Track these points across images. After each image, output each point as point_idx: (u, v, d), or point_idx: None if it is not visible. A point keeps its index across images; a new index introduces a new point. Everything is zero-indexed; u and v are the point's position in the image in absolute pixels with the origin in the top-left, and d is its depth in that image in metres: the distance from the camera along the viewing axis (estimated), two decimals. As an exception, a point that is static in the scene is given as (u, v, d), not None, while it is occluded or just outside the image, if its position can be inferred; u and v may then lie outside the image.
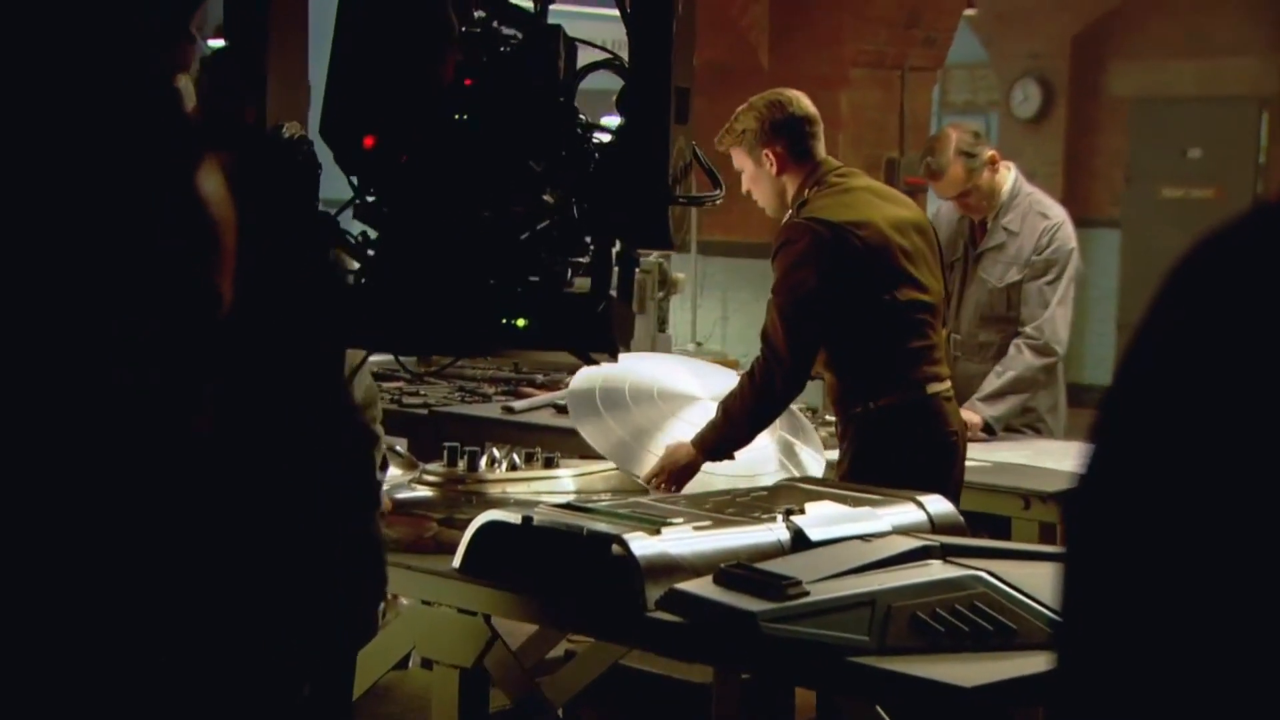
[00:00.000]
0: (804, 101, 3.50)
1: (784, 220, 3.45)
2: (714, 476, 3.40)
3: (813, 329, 3.33)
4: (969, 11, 9.12)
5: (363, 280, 2.28)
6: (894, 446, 3.37)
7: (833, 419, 3.63)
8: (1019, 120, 10.92)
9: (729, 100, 3.67)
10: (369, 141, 2.18)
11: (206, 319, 1.07)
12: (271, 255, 1.22)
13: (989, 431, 4.32)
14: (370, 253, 2.28)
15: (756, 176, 3.48)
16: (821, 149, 3.49)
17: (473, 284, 2.23)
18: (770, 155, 3.44)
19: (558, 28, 2.28)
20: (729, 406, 3.36)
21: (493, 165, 2.22)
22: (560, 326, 2.20)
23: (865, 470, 3.33)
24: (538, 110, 2.22)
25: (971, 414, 4.30)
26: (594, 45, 2.37)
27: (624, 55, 2.26)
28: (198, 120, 1.21)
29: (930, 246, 3.51)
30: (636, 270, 2.31)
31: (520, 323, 2.19)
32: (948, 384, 3.48)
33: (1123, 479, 0.66)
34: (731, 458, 3.39)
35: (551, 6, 2.30)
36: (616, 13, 2.27)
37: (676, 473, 3.38)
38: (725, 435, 3.35)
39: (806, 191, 3.44)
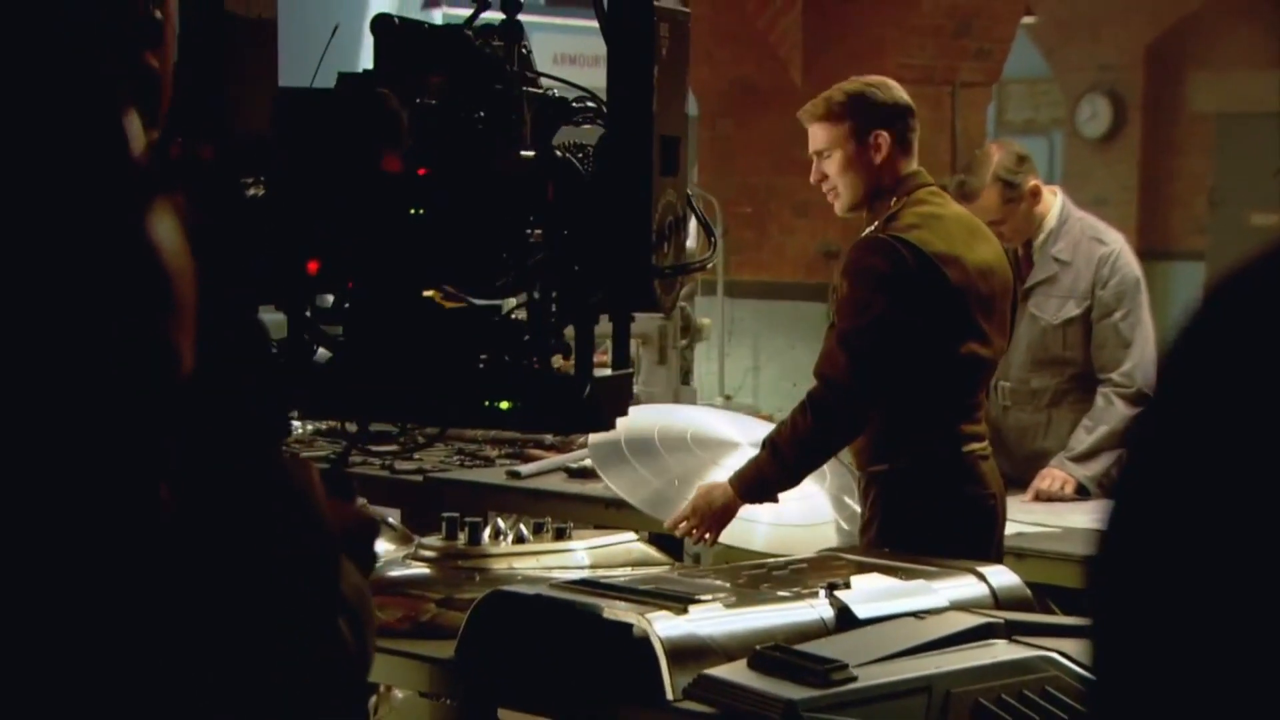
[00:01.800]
0: (905, 92, 3.54)
1: (864, 232, 3.44)
2: (756, 524, 3.41)
3: (881, 358, 3.33)
4: (1028, 19, 9.18)
5: (335, 354, 2.36)
6: (923, 511, 3.36)
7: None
8: (1086, 140, 10.97)
9: (758, 122, 3.72)
10: (313, 267, 2.27)
11: (162, 383, 1.07)
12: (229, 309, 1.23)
13: (1083, 494, 4.32)
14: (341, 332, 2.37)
15: (853, 159, 3.45)
16: (915, 153, 3.52)
17: (449, 368, 2.31)
18: (882, 138, 3.44)
19: (519, 96, 2.33)
20: (777, 442, 3.34)
21: (455, 257, 2.30)
22: (544, 409, 2.29)
23: (891, 538, 3.32)
24: (499, 194, 2.29)
25: (1062, 474, 4.31)
26: (574, 85, 2.43)
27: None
28: (147, 159, 1.21)
29: (1006, 294, 3.51)
30: (631, 326, 2.38)
31: (504, 405, 2.27)
32: (985, 443, 3.48)
33: (1138, 540, 0.68)
34: (774, 500, 3.38)
35: (551, 19, 2.38)
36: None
37: (712, 516, 3.36)
38: (770, 475, 3.34)
39: (894, 201, 3.43)
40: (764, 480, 3.34)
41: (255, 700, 1.09)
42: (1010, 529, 3.71)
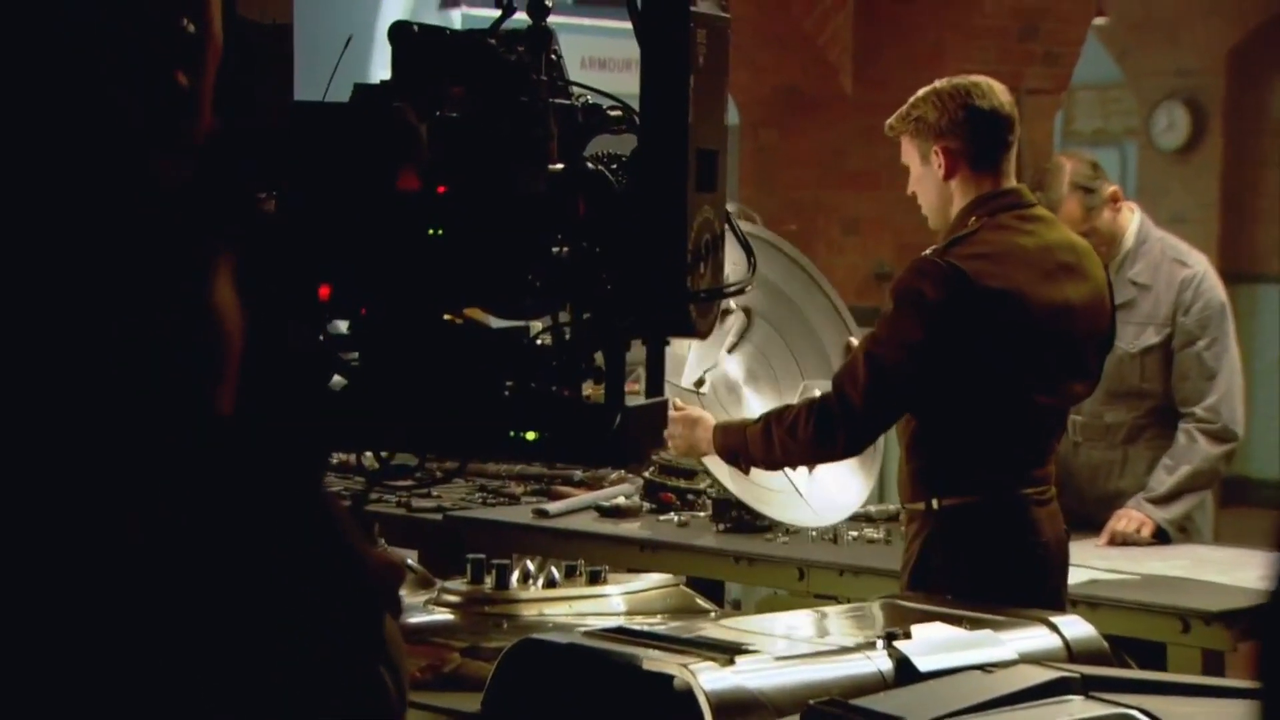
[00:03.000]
0: (1000, 96, 3.46)
1: (926, 251, 3.42)
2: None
3: (903, 390, 3.34)
4: (1099, 20, 9.18)
5: (350, 381, 2.39)
6: (961, 554, 3.36)
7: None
8: (1163, 152, 10.94)
9: (804, 132, 3.73)
10: (324, 292, 2.30)
11: (198, 442, 1.09)
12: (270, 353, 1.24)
13: (1163, 539, 4.29)
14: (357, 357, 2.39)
15: (922, 176, 3.48)
16: (1012, 166, 3.47)
17: (472, 396, 2.34)
18: (940, 153, 3.42)
19: (546, 107, 2.35)
20: (772, 427, 3.41)
21: (477, 280, 2.32)
22: (572, 440, 2.31)
23: (927, 580, 3.33)
24: (524, 212, 2.31)
25: (1140, 516, 4.29)
26: (605, 94, 2.45)
27: None
28: (207, 207, 1.22)
29: (1091, 336, 3.47)
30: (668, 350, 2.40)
31: (530, 436, 2.30)
32: (1046, 486, 3.44)
33: None
34: (744, 473, 3.54)
35: (579, 20, 2.39)
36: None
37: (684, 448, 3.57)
38: (754, 453, 3.45)
39: (973, 219, 3.40)
40: (745, 454, 3.46)
41: None
42: (1083, 575, 3.69)
